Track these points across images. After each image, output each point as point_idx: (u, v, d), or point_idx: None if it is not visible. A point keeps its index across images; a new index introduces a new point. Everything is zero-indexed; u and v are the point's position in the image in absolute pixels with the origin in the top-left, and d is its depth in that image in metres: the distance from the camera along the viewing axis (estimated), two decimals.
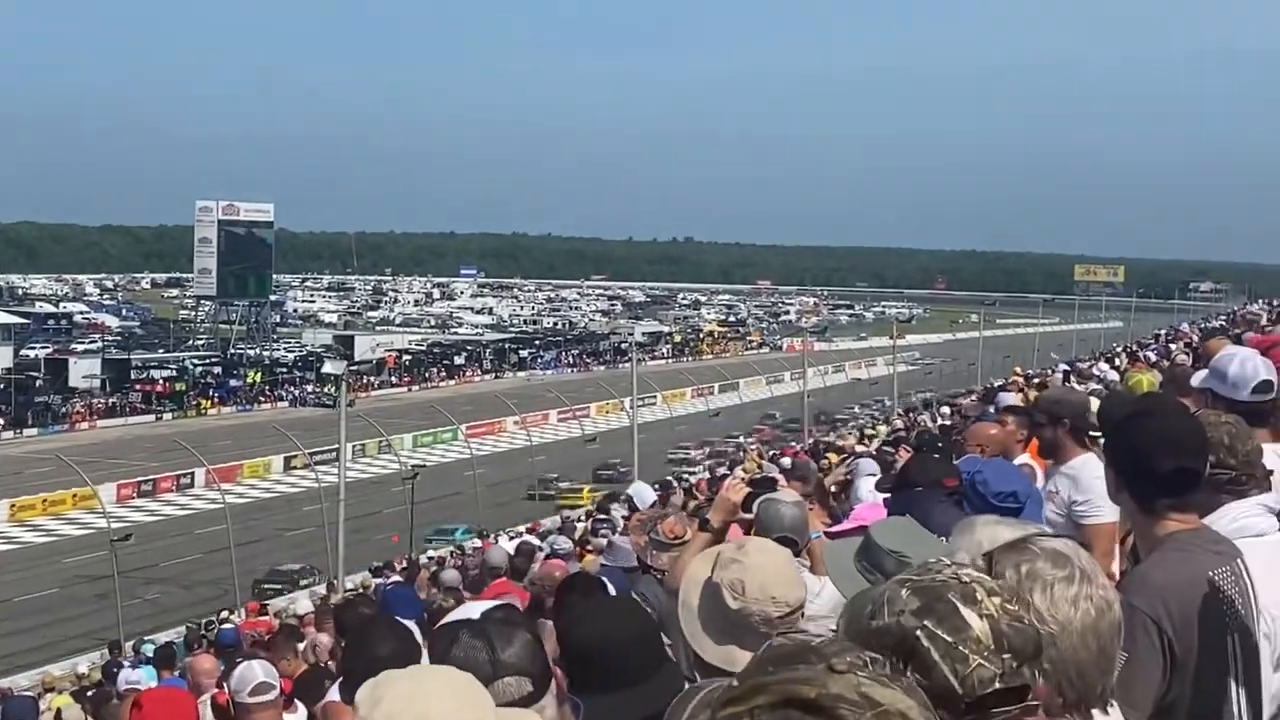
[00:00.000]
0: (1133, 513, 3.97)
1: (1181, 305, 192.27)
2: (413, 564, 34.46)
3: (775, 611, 3.79)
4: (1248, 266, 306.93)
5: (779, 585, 3.84)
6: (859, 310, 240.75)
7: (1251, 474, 4.27)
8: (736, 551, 3.95)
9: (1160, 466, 3.80)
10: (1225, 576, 3.72)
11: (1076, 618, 2.47)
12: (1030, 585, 2.49)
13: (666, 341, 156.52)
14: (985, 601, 2.20)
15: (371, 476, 68.43)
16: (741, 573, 3.83)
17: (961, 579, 2.23)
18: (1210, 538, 3.86)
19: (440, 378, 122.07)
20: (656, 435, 71.26)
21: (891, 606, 2.21)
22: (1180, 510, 3.82)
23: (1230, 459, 4.23)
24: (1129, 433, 3.95)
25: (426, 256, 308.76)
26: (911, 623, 2.17)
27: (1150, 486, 3.83)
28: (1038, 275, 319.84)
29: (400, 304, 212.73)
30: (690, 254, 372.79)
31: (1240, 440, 4.29)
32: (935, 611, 2.18)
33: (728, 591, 3.81)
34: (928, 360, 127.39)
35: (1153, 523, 3.82)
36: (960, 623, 2.16)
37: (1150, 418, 3.95)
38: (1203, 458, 3.91)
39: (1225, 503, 4.20)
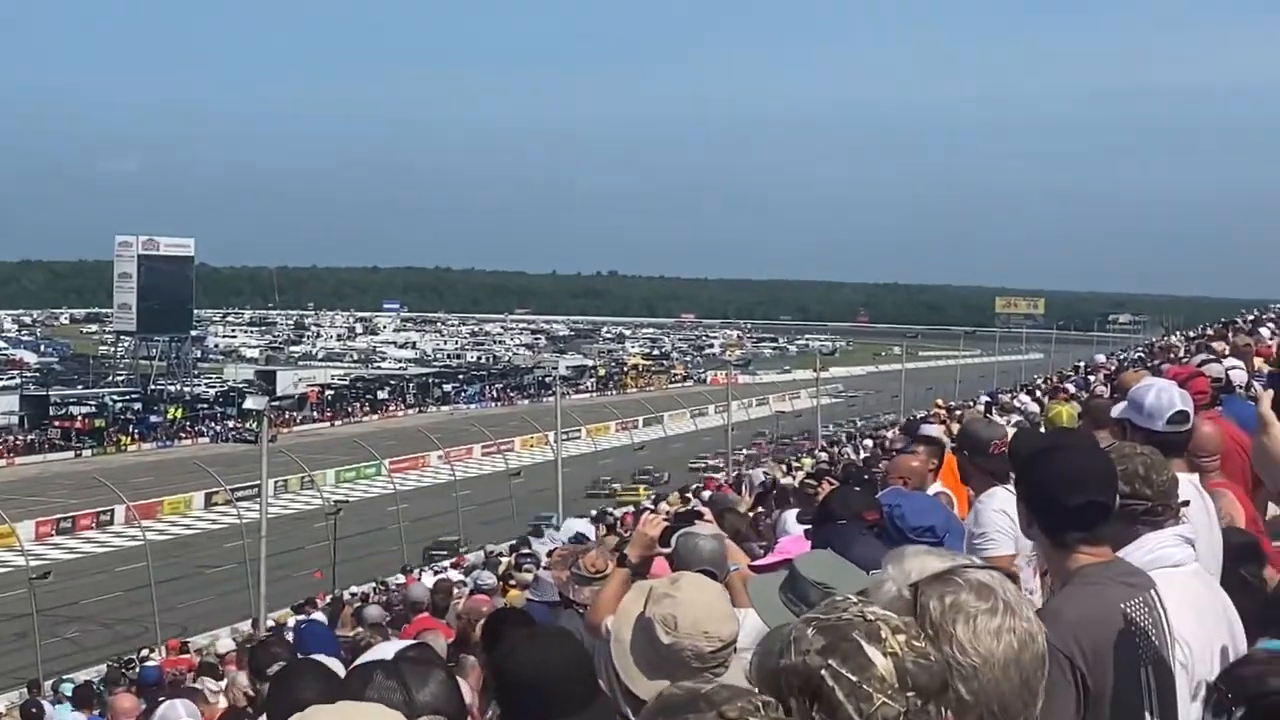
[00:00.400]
0: (1044, 547, 4.00)
1: (1101, 337, 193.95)
2: (336, 600, 34.26)
3: (708, 646, 3.79)
4: (1165, 298, 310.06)
5: (711, 620, 3.84)
6: (782, 343, 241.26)
7: (1167, 504, 4.31)
8: (670, 586, 3.95)
9: (1070, 501, 3.82)
10: (1138, 608, 3.75)
11: (999, 650, 2.48)
12: (953, 617, 2.50)
13: (591, 375, 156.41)
14: (890, 639, 2.21)
15: (294, 512, 68.05)
16: (674, 607, 3.83)
17: (867, 617, 2.24)
18: (1122, 570, 3.90)
19: (363, 412, 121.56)
20: (580, 469, 71.21)
21: (798, 646, 2.22)
22: (1091, 544, 3.85)
23: (1146, 489, 4.27)
24: (1038, 468, 3.98)
25: (349, 291, 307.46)
26: (816, 662, 2.18)
27: (1061, 521, 3.86)
28: (959, 308, 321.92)
29: (323, 339, 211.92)
30: (614, 288, 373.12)
31: (1156, 471, 4.33)
32: (840, 650, 2.19)
33: (660, 626, 3.81)
34: (851, 393, 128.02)
35: (1064, 557, 3.85)
36: (865, 661, 2.17)
37: (1059, 452, 3.98)
38: (1112, 491, 3.94)
39: (1142, 533, 4.24)
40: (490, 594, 16.42)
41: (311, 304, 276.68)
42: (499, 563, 27.67)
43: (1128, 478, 4.25)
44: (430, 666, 3.55)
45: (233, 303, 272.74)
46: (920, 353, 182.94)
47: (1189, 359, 17.97)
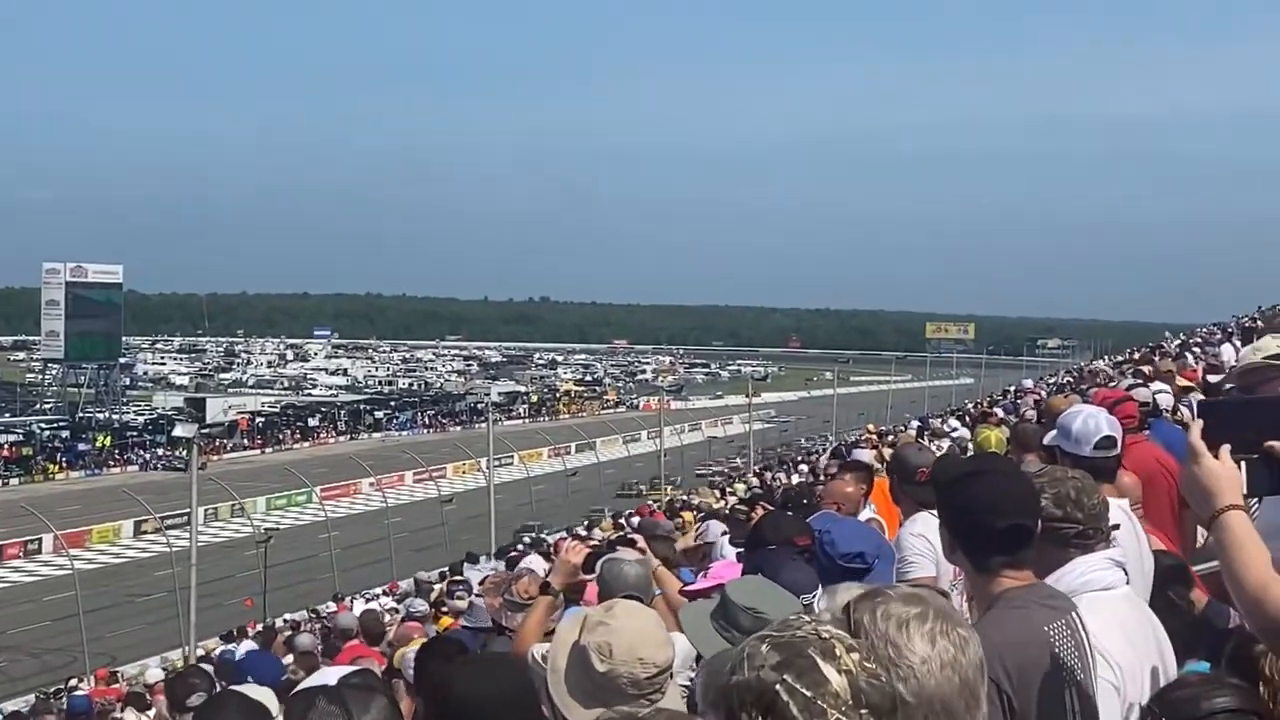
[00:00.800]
0: (968, 571, 4.02)
1: (1030, 361, 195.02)
2: (268, 628, 34.07)
3: (643, 673, 3.78)
4: (1093, 323, 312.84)
5: (647, 646, 3.83)
6: (715, 369, 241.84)
7: (1098, 528, 4.34)
8: (604, 614, 3.94)
9: (992, 525, 3.85)
10: (1060, 631, 3.78)
11: (934, 653, 2.47)
12: (885, 624, 2.51)
13: (523, 401, 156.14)
14: (844, 657, 2.22)
15: (224, 540, 67.49)
16: (609, 635, 3.82)
17: (821, 635, 2.25)
18: (1044, 593, 3.92)
19: (294, 440, 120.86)
20: (513, 496, 70.98)
21: (751, 661, 2.22)
22: (1014, 567, 3.87)
23: (1077, 513, 4.30)
24: (960, 493, 4.00)
25: (279, 318, 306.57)
26: (771, 677, 2.18)
27: (983, 545, 3.88)
28: (890, 333, 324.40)
29: (253, 366, 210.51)
30: (546, 314, 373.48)
31: (1087, 495, 4.36)
32: (795, 666, 2.19)
33: (595, 654, 3.80)
34: (783, 418, 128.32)
35: (987, 581, 3.87)
36: (820, 677, 2.18)
37: (981, 477, 4.00)
38: (1034, 515, 3.97)
39: (1073, 557, 4.27)
40: (422, 621, 16.36)
41: (241, 331, 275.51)
42: (431, 590, 27.56)
43: (1059, 501, 4.29)
44: (373, 693, 3.55)
45: (162, 330, 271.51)
46: (852, 378, 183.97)
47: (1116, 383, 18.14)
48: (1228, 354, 16.12)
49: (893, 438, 29.83)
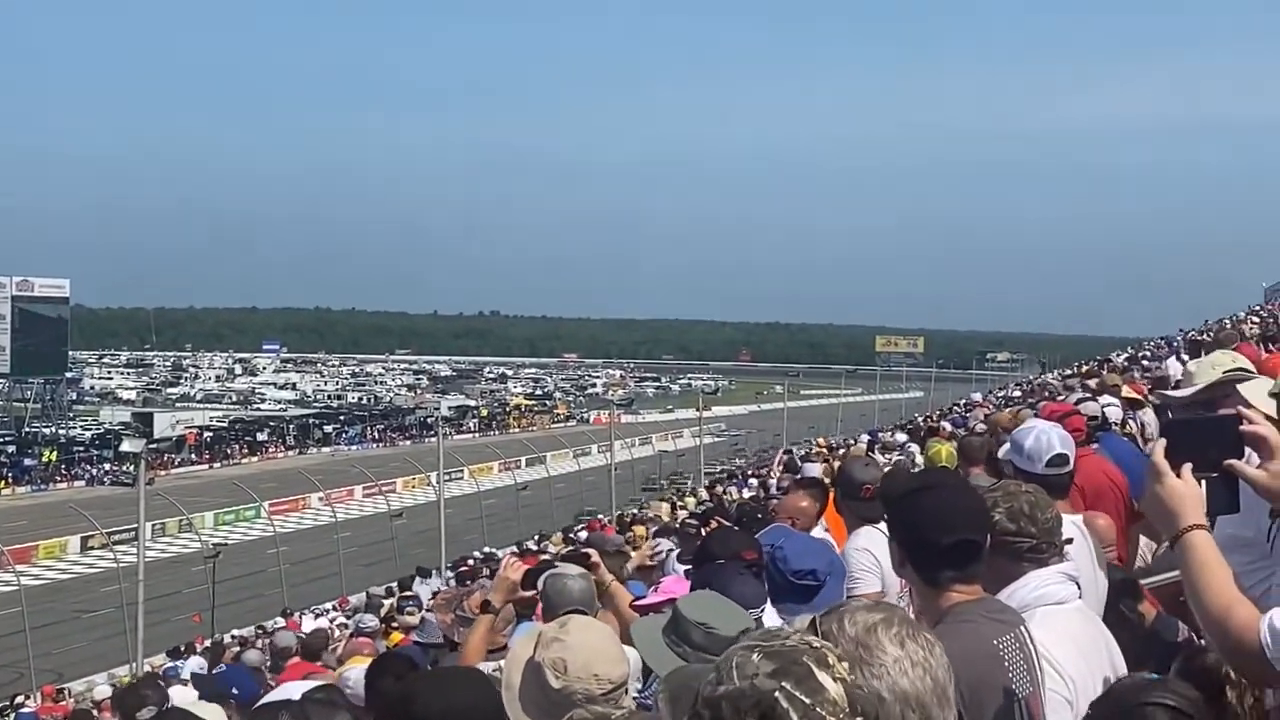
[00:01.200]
0: (917, 586, 4.03)
1: (979, 375, 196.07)
2: (216, 644, 33.92)
3: (599, 689, 3.78)
4: (1042, 337, 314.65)
5: (602, 662, 3.83)
6: (665, 383, 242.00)
7: (1051, 542, 4.36)
8: (559, 630, 3.94)
9: (941, 540, 3.86)
10: (1009, 645, 3.80)
11: (905, 653, 2.54)
12: (854, 630, 2.56)
13: (473, 415, 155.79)
14: (837, 666, 2.24)
15: (172, 556, 67.09)
16: (563, 651, 3.81)
17: (812, 644, 2.27)
18: (993, 607, 3.94)
19: (242, 454, 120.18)
20: (463, 510, 70.79)
21: (742, 670, 2.23)
22: (963, 582, 3.89)
23: (1031, 527, 4.32)
24: (909, 507, 4.01)
25: (227, 332, 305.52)
26: (769, 684, 2.20)
27: (933, 559, 3.89)
28: (840, 346, 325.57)
29: (201, 380, 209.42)
30: (496, 328, 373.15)
31: (1040, 509, 4.38)
32: (792, 674, 2.21)
33: (550, 671, 3.80)
34: (734, 432, 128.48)
35: (936, 595, 3.88)
36: (817, 685, 2.20)
37: (930, 492, 4.02)
38: (983, 530, 3.99)
39: (1027, 571, 4.29)
40: (372, 636, 16.33)
41: (189, 345, 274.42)
42: (381, 605, 27.48)
43: (1013, 516, 4.31)
44: (335, 708, 3.54)
45: (109, 344, 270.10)
46: (802, 391, 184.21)
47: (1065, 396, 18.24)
48: (1174, 368, 16.23)
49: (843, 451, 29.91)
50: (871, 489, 7.91)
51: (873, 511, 7.82)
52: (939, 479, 4.40)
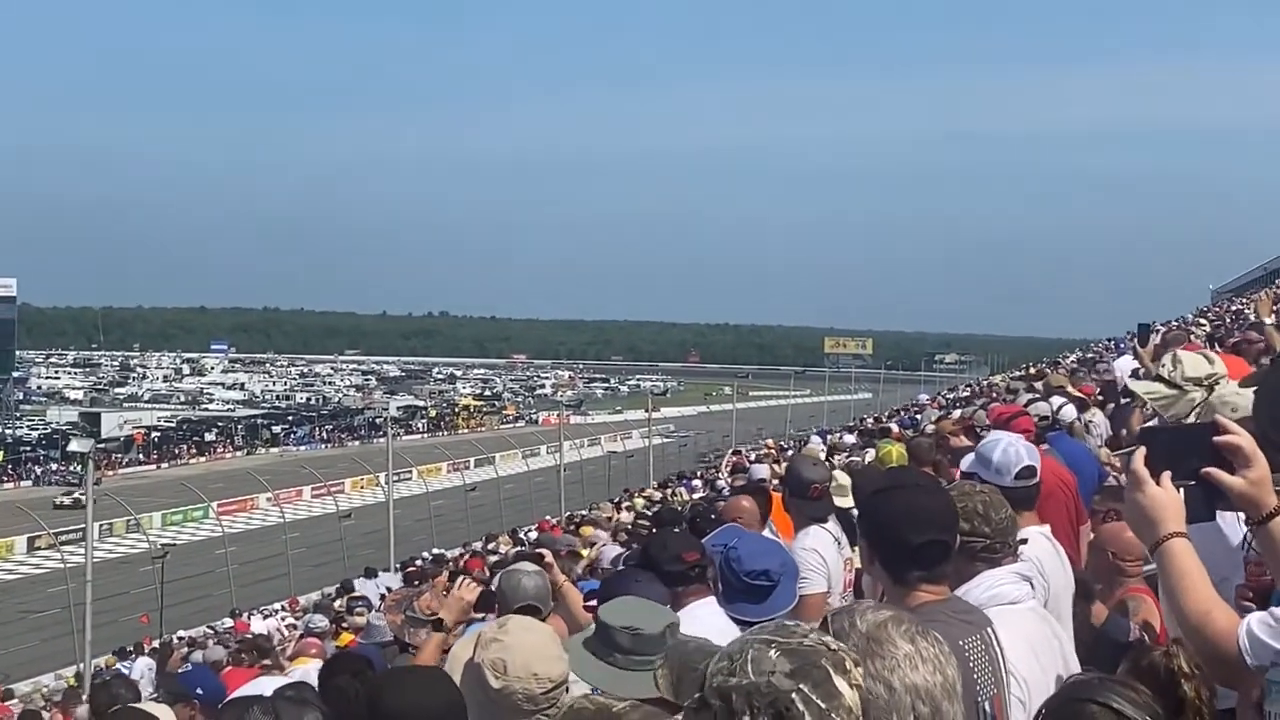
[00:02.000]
0: (885, 584, 4.06)
1: (928, 376, 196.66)
2: (164, 645, 33.75)
3: (538, 688, 3.79)
4: (990, 338, 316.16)
5: (541, 662, 3.84)
6: (614, 384, 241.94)
7: (1005, 542, 4.40)
8: (497, 631, 3.95)
9: (911, 539, 3.89)
10: (975, 646, 3.82)
11: (916, 649, 2.58)
12: (865, 627, 2.61)
13: (422, 416, 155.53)
14: (853, 671, 2.27)
15: (120, 556, 66.77)
16: (502, 652, 3.82)
17: (830, 646, 2.29)
18: (959, 607, 3.97)
19: (191, 455, 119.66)
20: (412, 510, 70.64)
21: (758, 665, 2.26)
22: (931, 582, 3.91)
23: (985, 527, 4.36)
24: (879, 507, 4.04)
25: (175, 332, 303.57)
26: (786, 684, 2.22)
27: (901, 559, 3.92)
28: (789, 348, 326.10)
29: (149, 380, 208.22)
30: (445, 328, 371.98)
31: (995, 509, 4.42)
32: (811, 676, 2.23)
33: (489, 671, 3.81)
34: (683, 433, 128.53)
35: (904, 594, 3.91)
36: (834, 690, 2.23)
37: (901, 491, 4.03)
38: (952, 530, 4.01)
39: (980, 570, 4.32)
40: (322, 637, 16.29)
41: (137, 345, 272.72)
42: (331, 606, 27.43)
43: (967, 515, 4.34)
44: (306, 705, 3.56)
45: (56, 343, 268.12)
46: (751, 392, 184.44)
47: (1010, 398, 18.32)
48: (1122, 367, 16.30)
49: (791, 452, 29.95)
50: (820, 488, 7.95)
51: (820, 511, 7.86)
52: (911, 479, 4.43)
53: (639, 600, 4.51)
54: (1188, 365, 5.80)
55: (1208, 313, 41.07)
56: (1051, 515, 6.57)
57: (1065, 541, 6.45)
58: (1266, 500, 3.35)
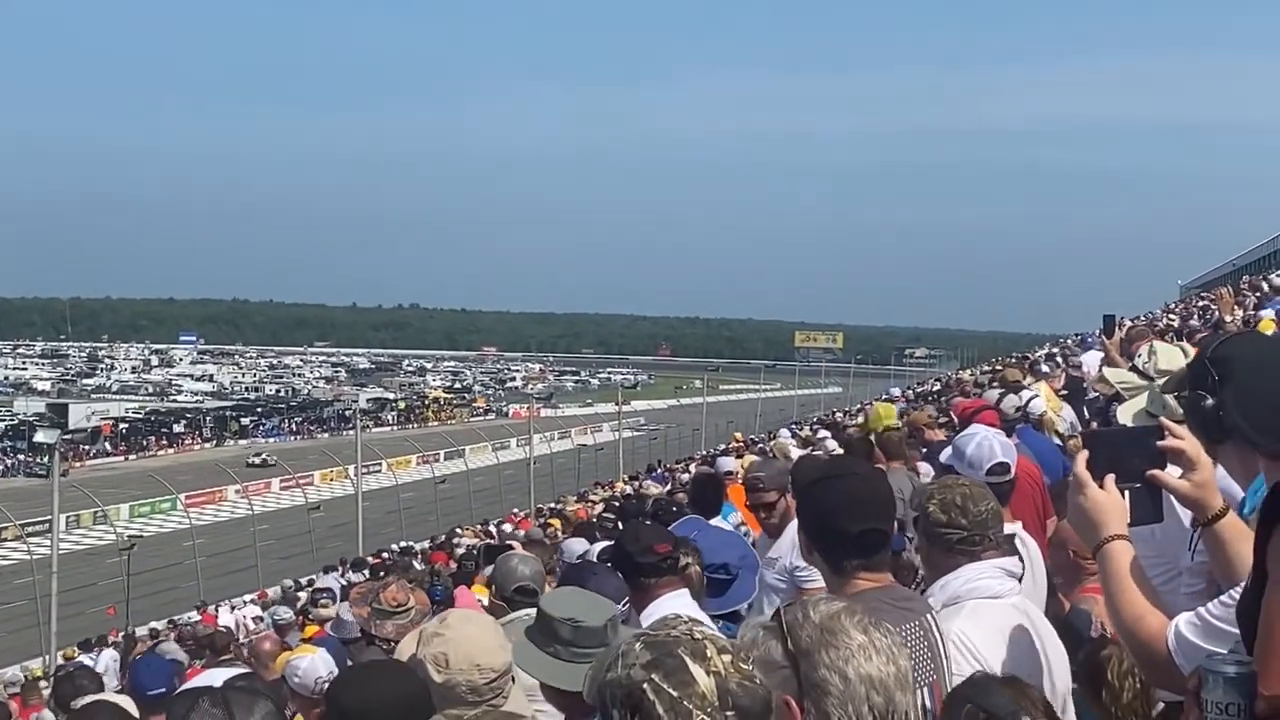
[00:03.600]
0: (824, 574, 4.06)
1: (897, 370, 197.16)
2: (129, 637, 33.66)
3: (481, 679, 3.78)
4: (959, 333, 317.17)
5: (482, 654, 3.83)
6: (585, 377, 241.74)
7: (985, 535, 4.38)
8: (439, 625, 3.95)
9: (848, 527, 3.90)
10: (914, 632, 3.84)
11: (869, 640, 2.60)
12: (818, 617, 2.62)
13: (392, 408, 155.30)
14: (715, 659, 2.25)
15: (86, 548, 66.52)
16: (444, 645, 3.81)
17: (694, 635, 2.29)
18: (898, 595, 3.99)
19: (159, 446, 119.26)
20: (381, 503, 70.53)
21: (625, 660, 2.27)
22: (870, 570, 3.93)
23: (961, 519, 4.34)
24: (817, 495, 4.05)
25: (144, 323, 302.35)
26: (640, 675, 2.23)
27: (839, 547, 3.93)
28: (759, 342, 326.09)
29: (117, 371, 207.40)
30: (415, 320, 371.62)
31: (974, 501, 4.40)
32: (664, 666, 2.23)
33: (432, 666, 3.80)
34: (653, 426, 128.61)
35: (843, 583, 3.92)
36: (687, 678, 2.22)
37: (837, 480, 4.05)
38: (889, 519, 4.03)
39: (961, 564, 4.31)
40: (286, 629, 16.26)
41: (105, 336, 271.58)
42: (297, 598, 27.38)
43: (944, 507, 4.34)
44: (258, 696, 3.52)
45: (24, 334, 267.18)
46: (721, 386, 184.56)
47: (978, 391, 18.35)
48: (1089, 362, 16.33)
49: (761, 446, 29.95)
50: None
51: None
52: (848, 467, 4.43)
53: (583, 592, 4.50)
54: (1162, 357, 5.79)
55: (1176, 308, 41.24)
56: (1019, 510, 6.58)
57: (1033, 534, 6.46)
58: (1212, 502, 3.36)
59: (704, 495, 9.37)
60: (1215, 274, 75.55)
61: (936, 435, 12.22)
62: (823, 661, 2.54)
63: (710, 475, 11.64)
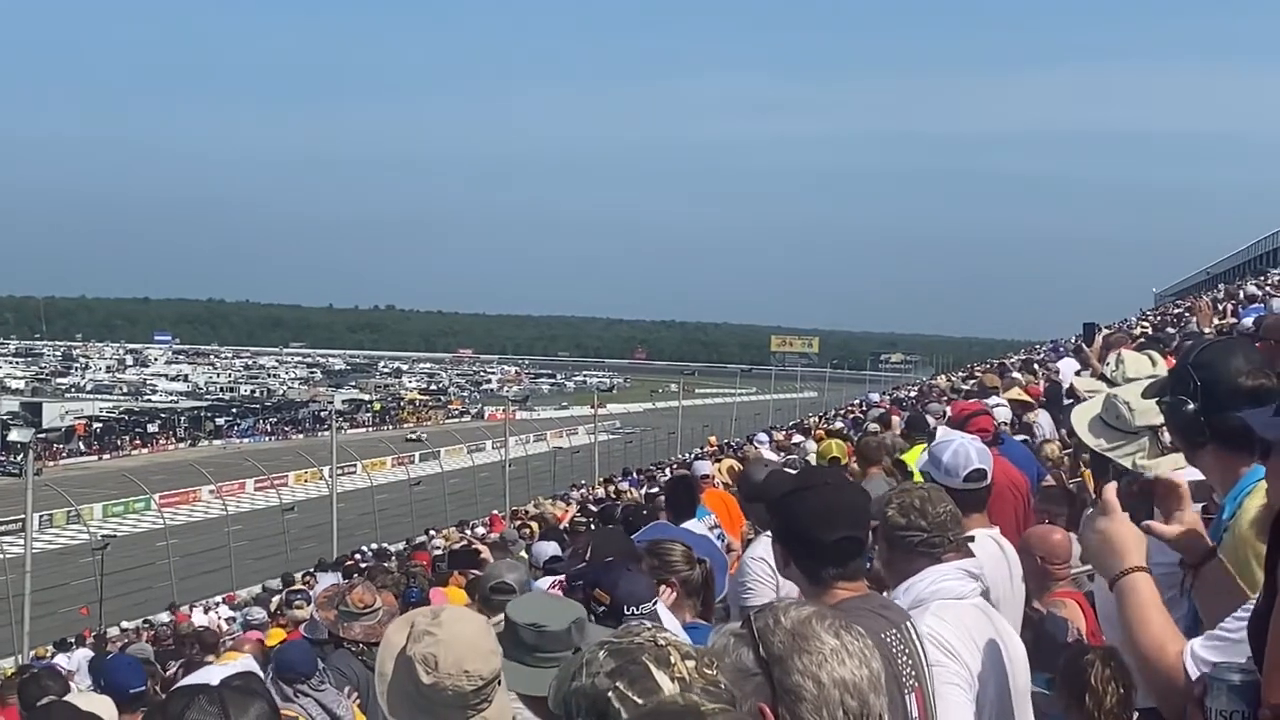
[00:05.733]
0: (802, 586, 4.06)
1: (873, 376, 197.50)
2: (100, 638, 33.56)
3: (469, 685, 3.72)
4: (935, 338, 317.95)
5: (473, 658, 3.77)
6: (560, 379, 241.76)
7: (945, 537, 4.39)
8: (431, 622, 3.86)
9: (823, 537, 3.91)
10: (895, 639, 3.84)
11: (842, 643, 2.59)
12: (789, 623, 2.61)
13: (367, 409, 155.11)
14: (679, 664, 2.24)
15: (59, 548, 66.28)
16: (435, 646, 3.74)
17: (658, 642, 2.28)
18: (878, 603, 4.00)
19: (133, 446, 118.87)
20: (356, 504, 70.45)
21: (589, 668, 2.27)
22: (847, 579, 3.94)
23: (921, 521, 4.36)
24: (790, 508, 4.05)
25: (119, 322, 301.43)
26: (605, 683, 2.22)
27: (816, 558, 3.94)
28: (735, 346, 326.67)
29: (91, 371, 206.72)
30: (391, 322, 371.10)
31: (933, 504, 4.42)
32: (628, 673, 2.23)
33: (420, 666, 3.74)
34: (629, 429, 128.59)
35: (821, 593, 3.92)
36: (652, 685, 2.21)
37: (810, 491, 4.06)
38: (863, 526, 4.04)
39: (923, 566, 4.32)
40: (261, 629, 16.22)
41: (80, 335, 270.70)
42: (270, 600, 27.30)
43: (903, 510, 4.36)
44: (254, 696, 3.49)
45: None
46: (697, 390, 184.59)
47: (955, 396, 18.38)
48: (1065, 369, 16.38)
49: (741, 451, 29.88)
50: None
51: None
52: (818, 478, 4.43)
53: (546, 595, 4.50)
54: (1129, 366, 5.81)
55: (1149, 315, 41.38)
56: (999, 517, 6.58)
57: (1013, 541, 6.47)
58: (1199, 545, 3.37)
59: (679, 497, 9.39)
60: (1189, 280, 75.85)
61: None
62: (795, 667, 2.53)
63: (684, 478, 11.63)
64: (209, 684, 3.79)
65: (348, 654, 8.19)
